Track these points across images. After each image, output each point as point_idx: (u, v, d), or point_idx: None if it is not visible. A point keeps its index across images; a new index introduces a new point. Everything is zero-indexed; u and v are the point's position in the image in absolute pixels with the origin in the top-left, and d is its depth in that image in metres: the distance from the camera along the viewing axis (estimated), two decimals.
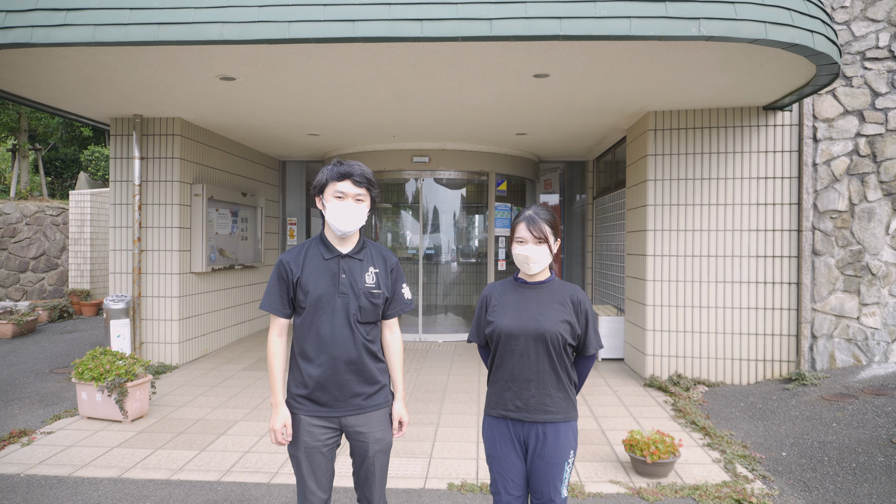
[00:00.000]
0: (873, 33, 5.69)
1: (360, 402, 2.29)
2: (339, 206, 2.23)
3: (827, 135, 5.79)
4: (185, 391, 5.79)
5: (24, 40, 3.99)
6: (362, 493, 2.41)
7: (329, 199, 2.24)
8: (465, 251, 9.22)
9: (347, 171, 2.23)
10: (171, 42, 3.96)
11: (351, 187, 2.23)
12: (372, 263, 2.35)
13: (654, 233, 6.13)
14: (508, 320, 2.26)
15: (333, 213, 2.23)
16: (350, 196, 2.23)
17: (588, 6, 3.76)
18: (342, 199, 2.23)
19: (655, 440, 3.78)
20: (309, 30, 3.87)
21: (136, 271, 6.63)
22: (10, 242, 11.66)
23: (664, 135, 6.14)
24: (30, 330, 9.10)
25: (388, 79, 5.12)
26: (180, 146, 6.77)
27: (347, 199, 2.23)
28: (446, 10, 3.81)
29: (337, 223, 2.24)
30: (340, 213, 2.23)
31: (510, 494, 2.29)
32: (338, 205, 2.23)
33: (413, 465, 4.02)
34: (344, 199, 2.23)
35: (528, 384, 2.24)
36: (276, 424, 2.27)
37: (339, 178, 2.23)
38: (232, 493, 3.59)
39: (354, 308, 2.26)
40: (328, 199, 2.25)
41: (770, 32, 3.81)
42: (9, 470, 3.90)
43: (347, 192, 2.23)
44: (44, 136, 17.07)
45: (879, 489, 3.59)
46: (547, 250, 2.25)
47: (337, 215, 2.23)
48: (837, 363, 5.74)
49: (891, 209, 5.67)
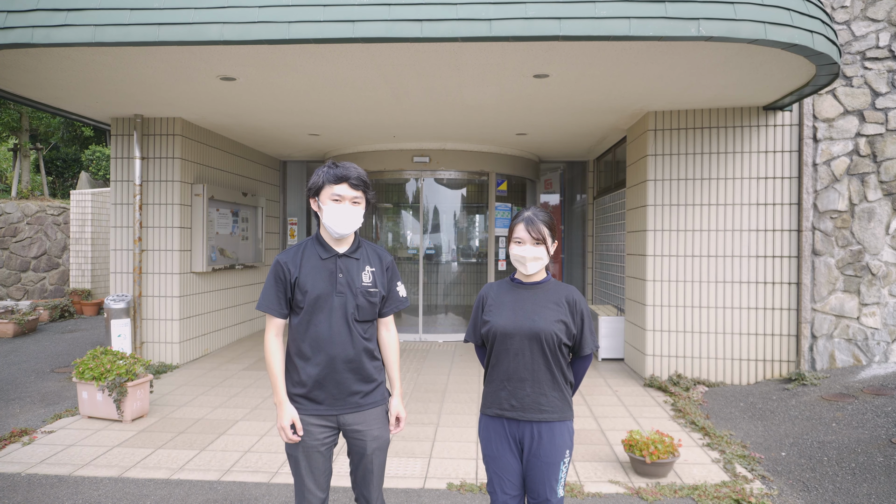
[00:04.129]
0: (873, 33, 5.68)
1: (357, 400, 2.31)
2: (337, 208, 2.25)
3: (827, 135, 5.78)
4: (186, 391, 5.80)
5: (25, 40, 4.00)
6: (360, 493, 2.42)
7: (326, 202, 2.26)
8: (465, 251, 9.22)
9: (344, 175, 2.24)
10: (171, 42, 3.97)
11: (348, 190, 2.25)
12: (368, 262, 2.38)
13: (654, 233, 6.13)
14: (504, 320, 2.27)
15: (331, 216, 2.25)
16: (347, 199, 2.25)
17: (587, 7, 3.76)
18: (339, 202, 2.25)
19: (655, 440, 3.78)
20: (309, 30, 3.88)
21: (137, 271, 6.65)
22: (12, 242, 11.69)
23: (664, 135, 6.14)
24: (31, 329, 9.12)
25: (388, 79, 5.13)
26: (181, 146, 6.78)
27: (345, 202, 2.25)
28: (446, 11, 3.81)
29: (334, 226, 2.25)
30: (338, 215, 2.25)
31: (506, 494, 2.29)
32: (335, 207, 2.25)
33: (412, 464, 4.03)
34: (341, 201, 2.25)
35: (523, 383, 2.25)
36: (283, 422, 2.26)
37: (335, 181, 2.24)
38: (232, 493, 3.60)
39: (352, 307, 2.28)
40: (325, 201, 2.26)
41: (769, 33, 3.81)
42: (10, 469, 3.92)
43: (345, 195, 2.24)
44: (45, 135, 17.10)
45: (878, 489, 3.59)
46: (544, 251, 2.26)
47: (334, 218, 2.25)
48: (837, 363, 5.74)
49: (891, 209, 5.67)
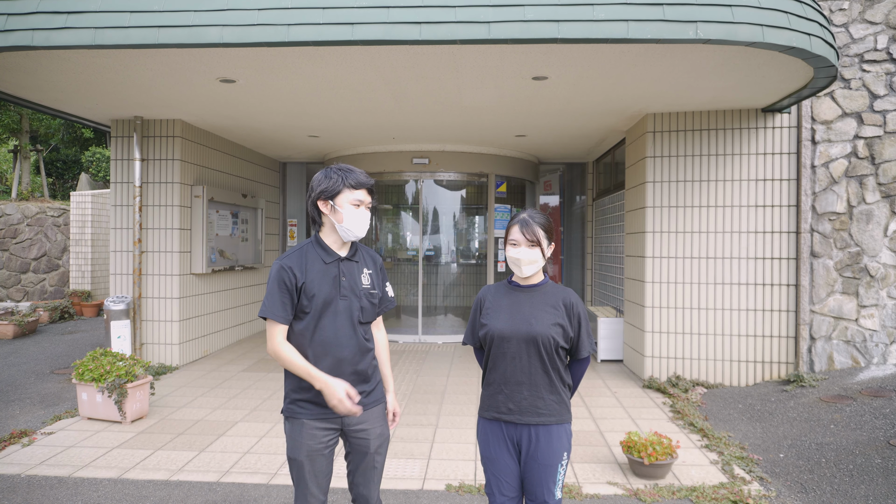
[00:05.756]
0: (871, 36, 5.70)
1: (361, 400, 2.33)
2: (357, 213, 2.32)
3: (825, 137, 5.80)
4: (185, 392, 5.81)
5: (26, 43, 4.01)
6: (359, 493, 2.42)
7: (344, 206, 2.31)
8: (464, 252, 9.23)
9: (365, 181, 2.35)
10: (171, 45, 3.98)
11: (366, 196, 2.35)
12: (365, 265, 2.45)
13: (653, 234, 6.14)
14: (501, 323, 2.28)
15: (352, 220, 2.31)
16: (364, 204, 2.35)
17: (585, 9, 3.77)
18: (359, 207, 2.33)
19: (653, 441, 3.79)
20: (308, 33, 3.89)
21: (137, 272, 6.66)
22: (12, 243, 11.70)
23: (663, 137, 6.15)
24: (31, 331, 9.12)
25: (387, 81, 5.14)
26: (181, 148, 6.79)
27: (362, 207, 2.34)
28: (444, 14, 3.82)
29: (355, 229, 2.33)
30: (359, 220, 2.33)
31: (504, 496, 2.30)
32: (356, 212, 2.32)
33: (411, 466, 4.03)
34: (360, 206, 2.33)
35: (520, 387, 2.26)
36: (340, 394, 2.17)
37: (356, 187, 2.32)
38: (231, 494, 3.60)
39: (357, 309, 2.34)
40: (342, 205, 2.31)
41: (767, 35, 3.82)
42: (9, 470, 3.93)
43: (364, 200, 2.34)
44: (45, 137, 17.12)
45: (876, 491, 3.60)
46: (539, 254, 2.27)
47: (356, 223, 2.32)
48: (836, 365, 5.75)
49: (889, 211, 5.68)
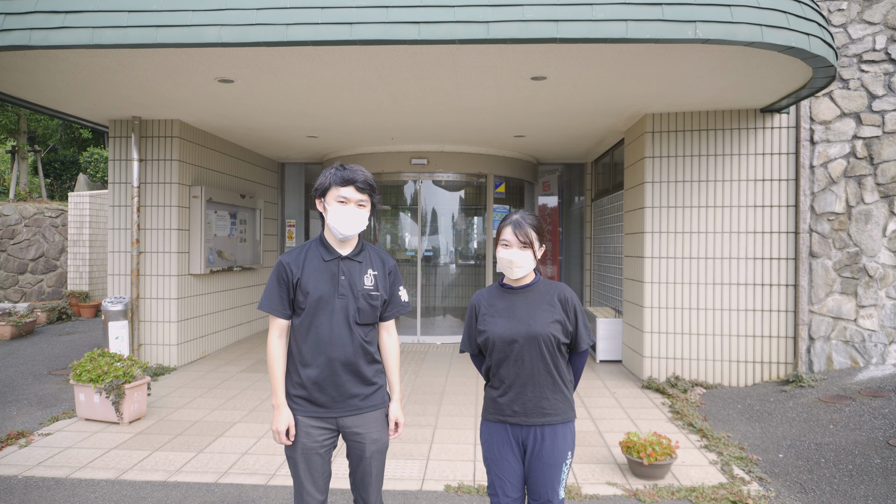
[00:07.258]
0: (870, 36, 5.70)
1: (357, 402, 2.31)
2: (342, 210, 2.27)
3: (824, 137, 5.80)
4: (184, 393, 5.79)
5: (23, 43, 4.00)
6: (359, 495, 2.42)
7: (331, 203, 2.28)
8: (463, 253, 9.22)
9: (351, 177, 2.28)
10: (169, 44, 3.97)
11: (354, 193, 2.28)
12: (371, 266, 2.39)
13: (652, 235, 6.14)
14: (500, 327, 2.27)
15: (335, 217, 2.27)
16: (353, 201, 2.28)
17: (585, 9, 3.77)
18: (345, 204, 2.27)
19: (652, 442, 3.78)
20: (307, 33, 3.88)
21: (135, 273, 6.64)
22: (9, 244, 11.67)
23: (662, 137, 6.15)
24: (28, 331, 9.10)
25: (385, 81, 5.13)
26: (179, 148, 6.78)
27: (350, 204, 2.28)
28: (443, 14, 3.82)
29: (338, 227, 2.28)
30: (342, 217, 2.27)
31: (508, 496, 2.30)
32: (340, 209, 2.27)
33: (410, 466, 4.03)
34: (346, 203, 2.27)
35: (525, 389, 2.25)
36: (279, 426, 2.27)
37: (342, 184, 2.27)
38: (229, 495, 3.59)
39: (353, 310, 2.29)
40: (330, 202, 2.29)
41: (766, 35, 3.82)
42: (6, 471, 3.91)
43: (350, 198, 2.27)
44: (43, 137, 17.08)
45: (875, 491, 3.60)
46: (531, 255, 2.27)
47: (339, 219, 2.27)
48: (835, 365, 5.75)
49: (888, 211, 5.68)
